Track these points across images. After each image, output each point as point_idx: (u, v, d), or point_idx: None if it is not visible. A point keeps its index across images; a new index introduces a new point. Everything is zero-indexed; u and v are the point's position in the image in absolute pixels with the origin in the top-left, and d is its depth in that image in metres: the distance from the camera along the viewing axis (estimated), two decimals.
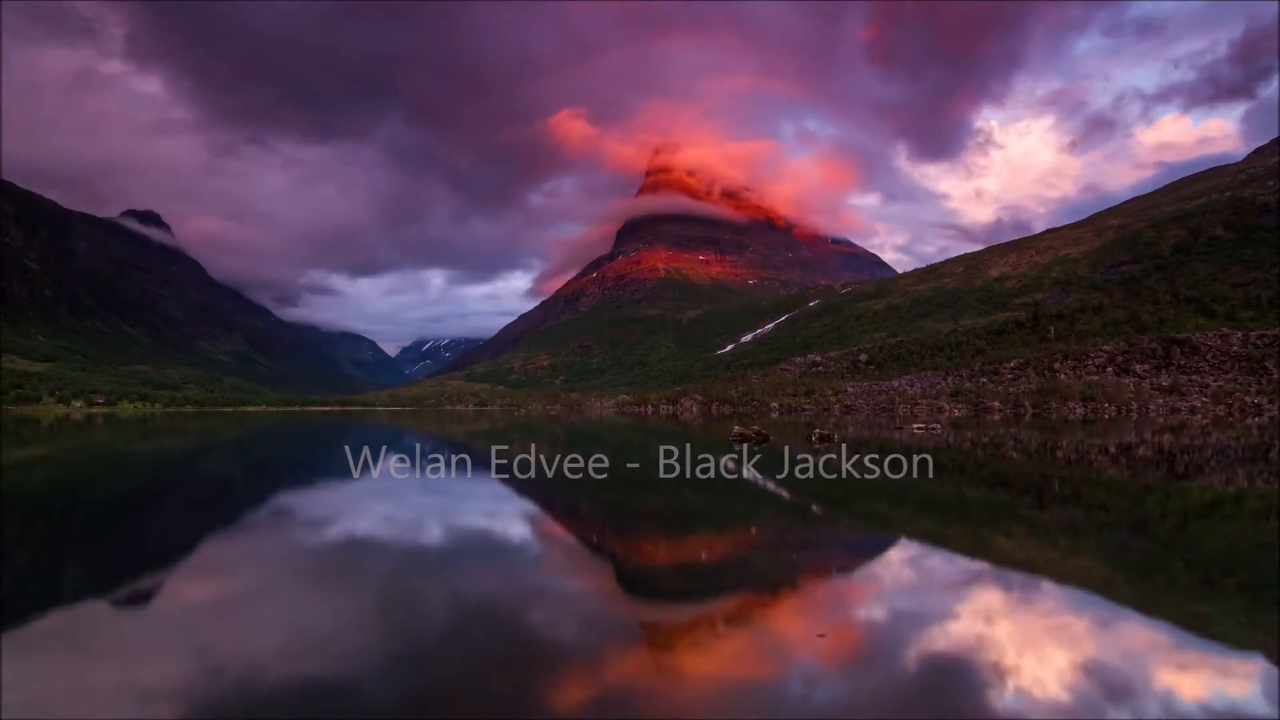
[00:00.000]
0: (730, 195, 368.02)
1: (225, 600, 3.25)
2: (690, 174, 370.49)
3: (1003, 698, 2.15)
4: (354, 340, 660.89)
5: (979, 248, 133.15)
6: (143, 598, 3.24)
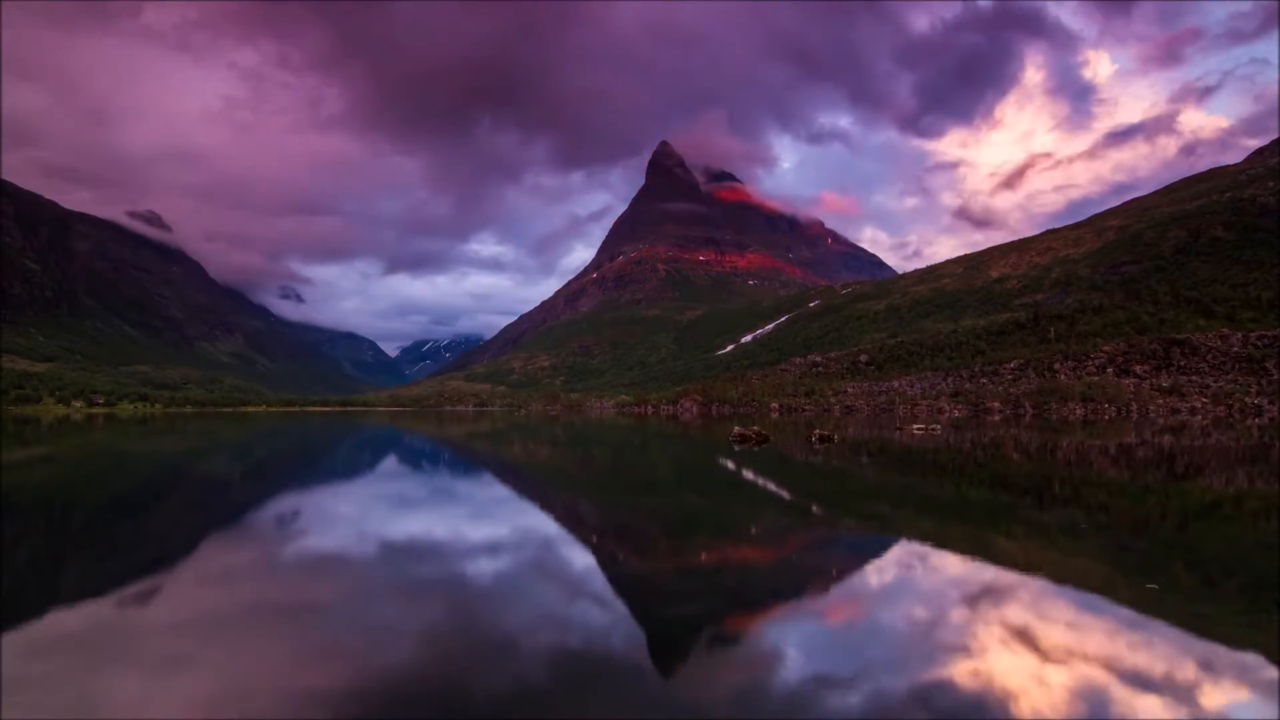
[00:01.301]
0: (733, 196, 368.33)
1: (224, 601, 3.25)
2: (709, 179, 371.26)
3: (1003, 698, 2.15)
4: (354, 340, 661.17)
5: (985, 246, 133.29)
6: (142, 599, 3.24)
